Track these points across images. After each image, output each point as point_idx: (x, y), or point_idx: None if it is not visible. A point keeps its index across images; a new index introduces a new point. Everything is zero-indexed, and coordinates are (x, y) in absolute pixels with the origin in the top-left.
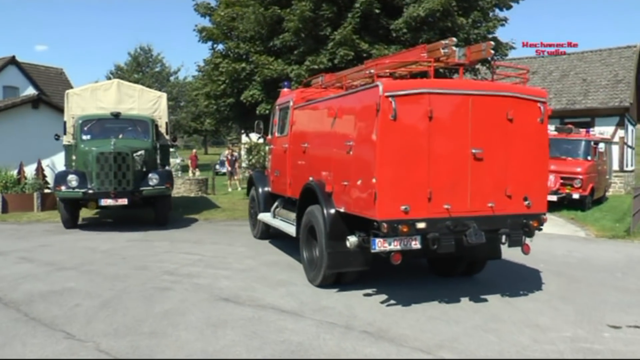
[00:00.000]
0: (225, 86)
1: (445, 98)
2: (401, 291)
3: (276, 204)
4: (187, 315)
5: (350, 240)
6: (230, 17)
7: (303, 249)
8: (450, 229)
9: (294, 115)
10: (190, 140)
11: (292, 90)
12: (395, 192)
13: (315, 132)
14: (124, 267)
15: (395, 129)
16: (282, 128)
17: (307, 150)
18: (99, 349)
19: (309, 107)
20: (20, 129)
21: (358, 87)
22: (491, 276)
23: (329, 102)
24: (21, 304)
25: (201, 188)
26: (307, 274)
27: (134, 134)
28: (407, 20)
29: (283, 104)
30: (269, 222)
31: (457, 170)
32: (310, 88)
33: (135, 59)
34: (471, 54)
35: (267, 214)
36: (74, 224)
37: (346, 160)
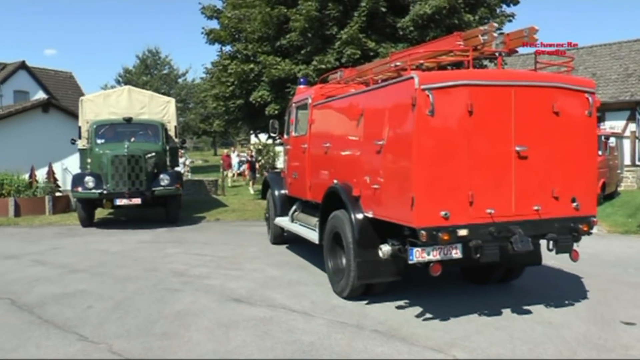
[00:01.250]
0: (233, 87)
1: (486, 90)
2: (412, 289)
3: (294, 207)
4: (198, 316)
5: (383, 250)
6: (237, 19)
7: (327, 257)
8: (494, 236)
9: (313, 113)
10: (200, 141)
11: (309, 87)
12: (434, 196)
13: (338, 131)
14: (135, 269)
15: (432, 126)
16: (300, 127)
17: (330, 150)
18: (111, 350)
19: (331, 104)
20: (30, 132)
21: (388, 81)
22: None
23: (353, 98)
24: (34, 307)
25: (211, 189)
26: (332, 285)
27: (145, 138)
28: (414, 18)
29: (300, 101)
30: (287, 227)
31: (500, 171)
32: (329, 84)
33: (144, 62)
34: (510, 42)
35: (285, 218)
36: (90, 222)
37: (376, 162)
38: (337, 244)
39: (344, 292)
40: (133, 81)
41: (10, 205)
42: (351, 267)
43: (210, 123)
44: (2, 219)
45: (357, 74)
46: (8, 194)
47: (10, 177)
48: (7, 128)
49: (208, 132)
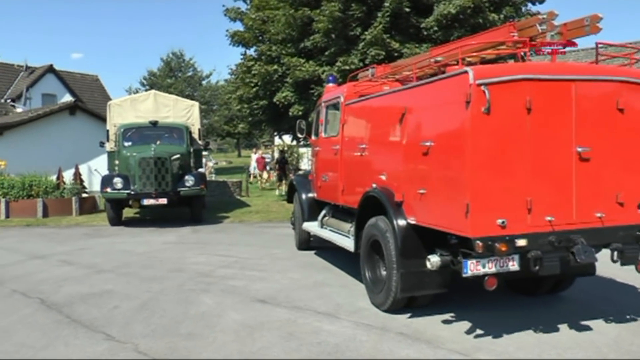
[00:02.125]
0: (257, 89)
1: (546, 85)
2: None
3: (323, 212)
4: (223, 317)
5: (432, 261)
6: (261, 21)
7: (365, 267)
8: (555, 246)
9: (345, 113)
10: (223, 143)
11: (338, 85)
12: (490, 202)
13: (376, 132)
14: (160, 270)
15: (489, 125)
16: (331, 127)
17: (366, 152)
18: (137, 350)
19: (366, 103)
20: (58, 135)
21: (437, 76)
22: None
23: (394, 95)
24: (62, 306)
25: (235, 190)
26: (370, 297)
27: (171, 140)
28: (438, 18)
29: (330, 100)
30: (316, 233)
31: (560, 174)
32: (361, 82)
33: (168, 64)
34: (568, 32)
35: (313, 223)
36: (118, 221)
37: (422, 164)
38: (375, 253)
39: (385, 304)
40: (157, 84)
41: (39, 206)
42: (393, 278)
43: (234, 125)
44: (31, 220)
45: (392, 70)
46: (37, 195)
47: (39, 178)
48: (36, 130)
49: (232, 134)
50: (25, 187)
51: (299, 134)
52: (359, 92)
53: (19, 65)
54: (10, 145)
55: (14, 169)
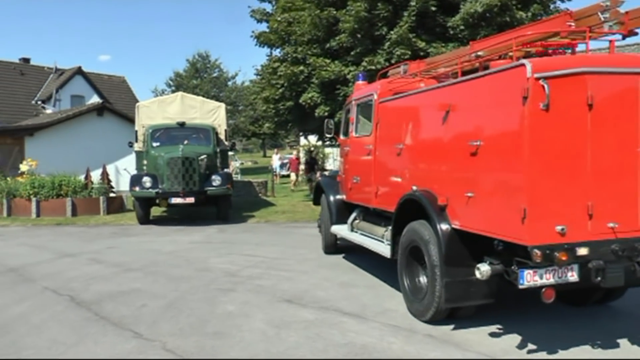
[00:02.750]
0: (283, 90)
1: (608, 79)
2: None
3: (354, 215)
4: (250, 317)
5: (482, 270)
6: (287, 22)
7: (403, 274)
8: (618, 255)
9: (379, 111)
10: (249, 143)
11: (368, 83)
12: (549, 207)
13: (415, 130)
14: (187, 269)
15: (548, 123)
16: (362, 126)
17: (404, 152)
18: (165, 348)
19: (403, 100)
20: (86, 135)
21: (489, 70)
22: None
23: (436, 92)
24: (92, 304)
25: (260, 190)
26: (409, 306)
27: (198, 141)
28: (464, 16)
29: (362, 98)
30: (346, 237)
31: (623, 176)
32: (396, 79)
33: (194, 66)
34: (630, 21)
35: (342, 226)
36: (146, 220)
37: (470, 165)
38: (414, 260)
39: (425, 315)
40: (183, 85)
41: (68, 205)
42: (436, 287)
43: (259, 125)
44: (61, 219)
45: (428, 66)
46: (66, 194)
47: (68, 178)
48: (65, 131)
49: (257, 134)
50: (55, 187)
51: (327, 133)
52: (394, 90)
53: (49, 68)
54: (40, 145)
55: (44, 168)
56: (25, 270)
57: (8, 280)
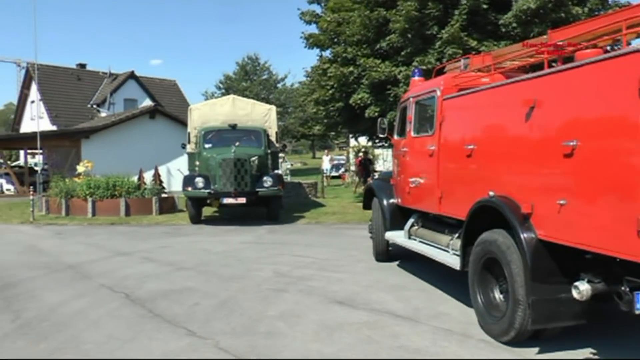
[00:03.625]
0: (333, 91)
1: None
2: None
3: (411, 221)
4: (302, 317)
5: (582, 289)
6: (337, 23)
7: (476, 289)
8: None
9: (444, 108)
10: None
11: (425, 79)
12: None
13: (490, 129)
14: (238, 269)
15: None
16: (422, 125)
17: (476, 153)
18: (218, 346)
19: (474, 96)
20: (138, 137)
21: (590, 59)
22: None
23: (518, 85)
24: (146, 301)
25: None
26: (483, 324)
27: (249, 143)
28: (517, 13)
29: (422, 95)
30: (403, 245)
31: None
32: (462, 73)
33: (243, 68)
34: None
35: (398, 233)
36: (199, 219)
37: (563, 169)
38: (489, 273)
39: (505, 336)
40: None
41: (122, 205)
42: (520, 306)
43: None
44: (115, 218)
45: (493, 60)
46: (120, 195)
47: (122, 179)
48: (118, 134)
49: (307, 136)
50: (110, 188)
51: (379, 134)
52: (460, 85)
53: (104, 73)
54: (96, 147)
55: (99, 169)
56: (82, 268)
57: (67, 277)
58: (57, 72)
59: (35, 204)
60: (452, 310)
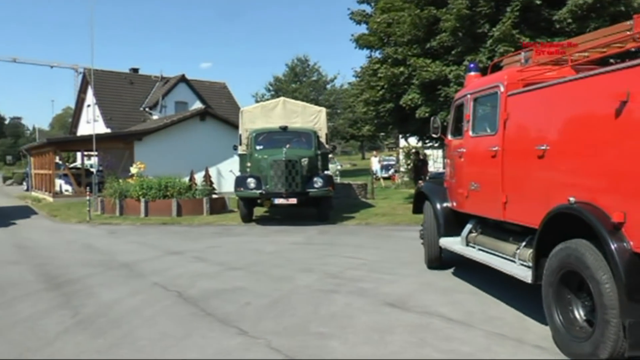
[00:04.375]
0: (383, 92)
1: None
2: None
3: (469, 227)
4: (353, 319)
5: None
6: (386, 23)
7: (552, 305)
8: None
9: (509, 105)
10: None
11: (482, 75)
12: None
13: (569, 127)
14: (289, 269)
15: None
16: (482, 124)
17: (549, 154)
18: (270, 346)
19: (546, 90)
20: (189, 139)
21: None
22: None
23: (604, 78)
24: (198, 300)
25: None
26: (560, 344)
27: (299, 144)
28: (572, 8)
29: (482, 91)
30: (460, 253)
31: None
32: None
33: (293, 70)
34: None
35: (454, 239)
36: (250, 218)
37: None
38: (566, 287)
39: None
40: (283, 89)
41: (173, 206)
42: (611, 328)
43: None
44: (167, 218)
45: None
46: (171, 195)
47: (173, 180)
48: (170, 136)
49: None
50: (162, 188)
51: (433, 133)
52: (527, 79)
53: (155, 77)
54: (148, 149)
55: (151, 171)
56: (136, 266)
57: (121, 275)
58: (111, 76)
59: (91, 204)
60: (505, 315)
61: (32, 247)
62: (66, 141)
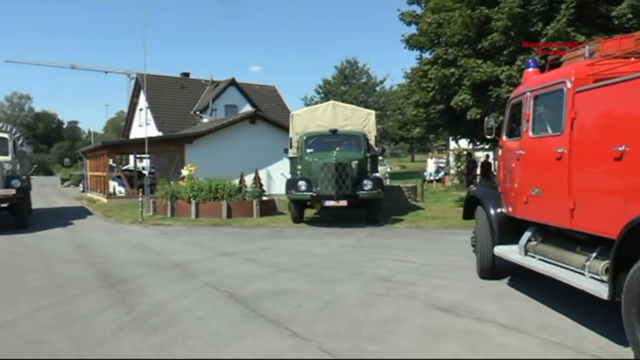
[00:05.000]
0: (434, 93)
1: None
2: None
3: (528, 235)
4: (404, 323)
5: None
6: (437, 23)
7: (635, 325)
8: None
9: (576, 103)
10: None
11: (541, 71)
12: None
13: None
14: (340, 272)
15: None
16: (543, 124)
17: (629, 156)
18: (321, 348)
19: (625, 86)
20: (239, 142)
21: None
22: None
23: None
24: (249, 301)
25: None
26: None
27: (349, 147)
28: (633, 3)
29: (544, 88)
30: (519, 262)
31: None
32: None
33: (342, 72)
34: None
35: (510, 248)
36: (300, 220)
37: None
38: None
39: None
40: (332, 91)
41: (224, 207)
42: None
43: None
44: (217, 220)
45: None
46: (221, 197)
47: (223, 182)
48: (220, 138)
49: (405, 139)
50: (212, 190)
51: (487, 134)
52: (597, 75)
53: (206, 80)
54: (198, 152)
55: (202, 173)
56: (188, 266)
57: (174, 275)
58: (163, 81)
59: (143, 205)
60: (561, 323)
61: (89, 246)
62: (120, 144)
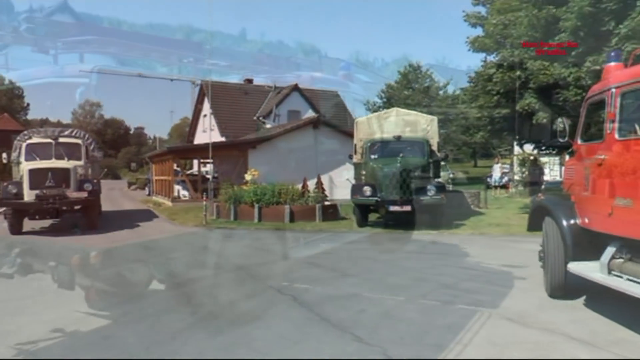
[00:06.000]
0: (498, 97)
1: None
2: None
3: (612, 250)
4: (469, 331)
5: None
6: (503, 25)
7: None
8: None
9: None
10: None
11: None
12: None
13: None
14: (403, 278)
15: None
16: (632, 125)
17: None
18: (386, 354)
19: None
20: (302, 147)
21: None
22: None
23: None
24: (313, 305)
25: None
26: None
27: (412, 153)
28: None
29: (634, 84)
30: (602, 282)
31: None
32: None
33: (405, 77)
34: None
35: (588, 265)
36: (364, 224)
37: None
38: None
39: None
40: (395, 96)
41: (286, 211)
42: None
43: (470, 134)
44: (279, 224)
45: None
46: (284, 201)
47: (286, 187)
48: (283, 143)
49: (468, 144)
50: (275, 195)
51: (559, 137)
52: None
53: (269, 87)
54: (261, 156)
55: (264, 178)
56: (251, 269)
57: (237, 277)
58: (227, 88)
59: (207, 208)
60: (635, 338)
61: (155, 248)
62: (184, 149)
